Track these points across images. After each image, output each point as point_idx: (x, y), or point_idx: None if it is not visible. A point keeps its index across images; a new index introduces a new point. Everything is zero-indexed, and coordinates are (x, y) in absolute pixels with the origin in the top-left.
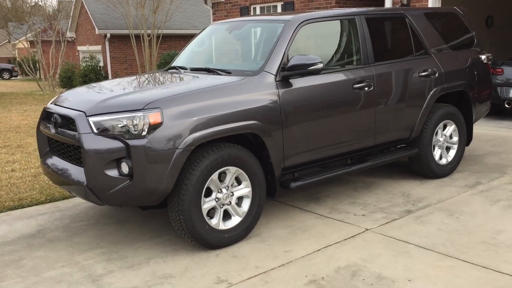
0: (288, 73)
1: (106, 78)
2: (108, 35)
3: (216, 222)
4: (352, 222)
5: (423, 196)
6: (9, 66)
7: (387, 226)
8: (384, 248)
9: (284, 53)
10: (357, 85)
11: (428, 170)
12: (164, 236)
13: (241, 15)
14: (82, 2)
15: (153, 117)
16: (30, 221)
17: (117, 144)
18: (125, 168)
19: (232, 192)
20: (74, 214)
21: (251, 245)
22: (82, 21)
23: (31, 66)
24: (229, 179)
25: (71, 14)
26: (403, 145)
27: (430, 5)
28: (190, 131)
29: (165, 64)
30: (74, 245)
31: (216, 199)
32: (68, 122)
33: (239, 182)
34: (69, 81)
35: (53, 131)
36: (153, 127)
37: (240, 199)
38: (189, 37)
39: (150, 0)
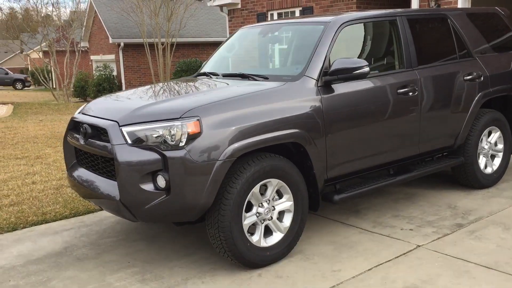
0: (330, 77)
1: (119, 87)
2: (122, 44)
3: (257, 239)
4: (401, 237)
5: (472, 208)
6: (22, 76)
7: (439, 242)
8: (442, 267)
9: (326, 56)
10: (401, 90)
11: (474, 180)
12: (199, 253)
13: (258, 22)
14: (95, 12)
15: (192, 126)
16: (56, 237)
17: (152, 155)
18: (161, 181)
19: (273, 206)
20: (101, 229)
21: (295, 263)
22: (95, 31)
23: (46, 76)
24: (270, 192)
25: (85, 24)
26: (444, 154)
27: (459, 6)
28: (231, 141)
29: (181, 72)
30: (104, 264)
31: (257, 214)
32: (99, 133)
33: (280, 195)
34: (82, 91)
35: (82, 142)
36: (191, 137)
37: (281, 214)
38: (202, 45)
39: (164, 8)
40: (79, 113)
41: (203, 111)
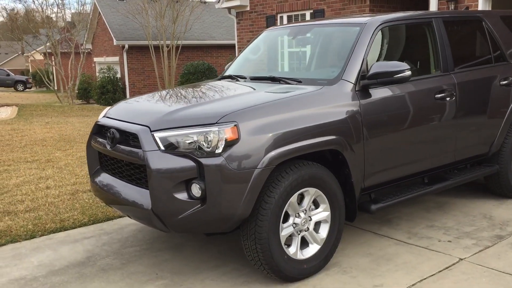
0: (369, 81)
1: (123, 89)
2: (126, 46)
3: (294, 251)
4: (440, 249)
5: (508, 218)
6: (23, 77)
7: (482, 254)
8: (490, 282)
9: (363, 59)
10: (439, 95)
11: (508, 189)
12: (229, 264)
13: (267, 25)
14: (99, 13)
15: (230, 132)
16: (76, 245)
17: (187, 162)
18: (196, 190)
19: (310, 217)
20: (122, 237)
21: (332, 277)
22: (99, 32)
23: (50, 78)
24: (307, 202)
25: (89, 26)
26: (476, 162)
27: (480, 9)
28: (269, 148)
29: (188, 75)
30: (131, 275)
31: (294, 224)
32: (127, 138)
33: (316, 205)
34: (85, 93)
35: (109, 147)
36: (229, 144)
37: (317, 225)
38: (207, 48)
39: (169, 10)
40: (104, 117)
41: (240, 116)
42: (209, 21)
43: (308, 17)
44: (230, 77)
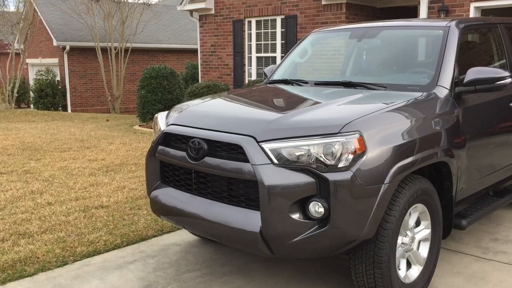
0: (465, 88)
1: (64, 93)
2: (68, 47)
3: (403, 274)
4: None
5: None
6: None
7: None
8: None
9: (454, 64)
10: (511, 103)
11: None
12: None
13: (234, 29)
14: (36, 12)
15: (357, 143)
16: (125, 272)
17: (305, 178)
18: (316, 209)
19: (414, 236)
20: (172, 261)
21: None
22: (33, 32)
23: None
24: (414, 219)
25: (21, 25)
26: None
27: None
28: (394, 161)
29: (150, 79)
30: None
31: (402, 245)
32: (219, 150)
33: (417, 223)
34: (19, 97)
35: (192, 160)
36: (356, 156)
37: (418, 244)
38: (152, 52)
39: (118, 11)
40: (172, 124)
41: (363, 124)
42: (154, 23)
43: (279, 23)
44: (285, 81)
